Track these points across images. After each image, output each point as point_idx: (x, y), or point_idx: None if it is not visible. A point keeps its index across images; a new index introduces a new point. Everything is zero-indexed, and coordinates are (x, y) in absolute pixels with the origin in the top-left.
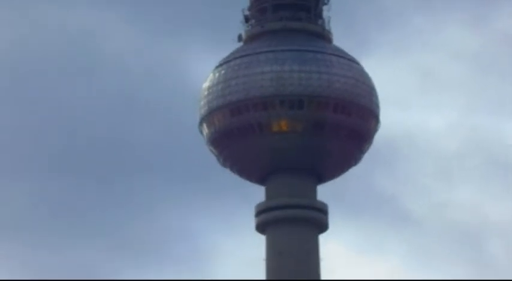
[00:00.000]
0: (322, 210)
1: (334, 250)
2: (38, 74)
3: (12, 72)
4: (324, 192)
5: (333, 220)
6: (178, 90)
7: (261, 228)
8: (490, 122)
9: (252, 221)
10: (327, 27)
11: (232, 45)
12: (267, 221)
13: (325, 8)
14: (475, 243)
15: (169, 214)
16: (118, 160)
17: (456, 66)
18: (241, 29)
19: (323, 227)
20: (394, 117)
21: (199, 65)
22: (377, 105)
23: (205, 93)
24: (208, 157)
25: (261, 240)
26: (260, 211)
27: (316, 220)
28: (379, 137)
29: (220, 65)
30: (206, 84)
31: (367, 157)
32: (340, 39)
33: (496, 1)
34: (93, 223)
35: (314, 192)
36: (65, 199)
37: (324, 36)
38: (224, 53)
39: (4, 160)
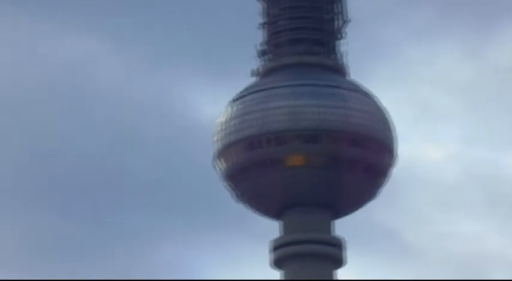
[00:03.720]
0: (338, 245)
1: None
2: (29, 106)
3: (1, 104)
4: (341, 227)
5: (349, 255)
6: (176, 123)
7: (277, 264)
8: (488, 153)
9: (265, 257)
10: (343, 61)
11: (230, 76)
12: (284, 256)
13: (342, 42)
14: (477, 274)
15: (176, 250)
16: (119, 194)
17: (451, 98)
18: (252, 63)
19: (339, 262)
20: None
21: (194, 97)
22: (393, 140)
23: (221, 128)
24: (218, 192)
25: (274, 276)
26: (276, 247)
27: (332, 255)
28: None
29: (236, 99)
30: (221, 119)
31: None
32: (357, 74)
33: (489, 33)
34: (95, 259)
35: (330, 227)
36: (63, 234)
37: (339, 70)
38: (223, 84)
39: None
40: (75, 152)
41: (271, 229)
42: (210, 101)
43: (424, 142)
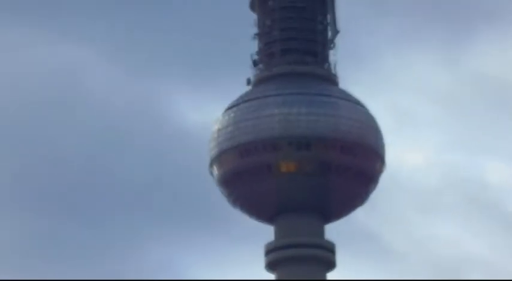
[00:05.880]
0: (329, 249)
1: None
2: (20, 112)
3: None
4: (327, 231)
5: (340, 258)
6: (163, 127)
7: (271, 267)
8: (467, 159)
9: (260, 261)
10: (333, 71)
11: (220, 84)
12: (277, 260)
13: (332, 52)
14: (455, 277)
15: (166, 254)
16: (108, 199)
17: (429, 105)
18: (242, 72)
19: (331, 265)
20: None
21: (182, 104)
22: (382, 147)
23: (215, 135)
24: (208, 197)
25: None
26: (270, 250)
27: (324, 259)
28: None
29: (230, 107)
30: (216, 127)
31: None
32: (347, 82)
33: (466, 41)
34: (86, 261)
35: (322, 231)
36: (52, 236)
37: (330, 79)
38: (211, 93)
39: None
40: (65, 158)
41: (265, 232)
42: (198, 108)
43: (405, 148)
